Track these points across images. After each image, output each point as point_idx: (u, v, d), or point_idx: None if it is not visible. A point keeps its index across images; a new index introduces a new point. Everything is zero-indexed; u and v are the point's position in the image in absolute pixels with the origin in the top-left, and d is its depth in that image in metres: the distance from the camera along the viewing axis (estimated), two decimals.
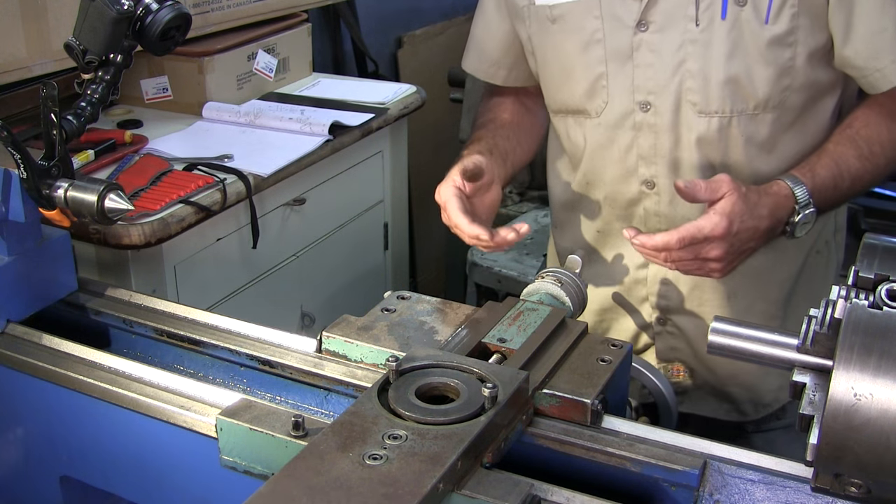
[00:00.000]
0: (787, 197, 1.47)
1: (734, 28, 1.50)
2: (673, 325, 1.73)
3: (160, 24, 1.36)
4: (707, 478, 1.08)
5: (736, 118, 1.56)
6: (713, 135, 1.57)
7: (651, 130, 1.60)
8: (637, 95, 1.59)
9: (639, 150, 1.62)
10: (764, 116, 1.56)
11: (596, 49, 1.60)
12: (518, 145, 1.75)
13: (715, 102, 1.55)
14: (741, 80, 1.53)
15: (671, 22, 1.54)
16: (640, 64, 1.57)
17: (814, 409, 0.86)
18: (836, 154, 1.53)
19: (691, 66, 1.54)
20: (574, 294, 1.41)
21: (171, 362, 1.41)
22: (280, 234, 2.48)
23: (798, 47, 1.51)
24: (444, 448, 0.99)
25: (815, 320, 0.89)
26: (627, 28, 1.56)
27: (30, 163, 1.29)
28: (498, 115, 1.79)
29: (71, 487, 1.37)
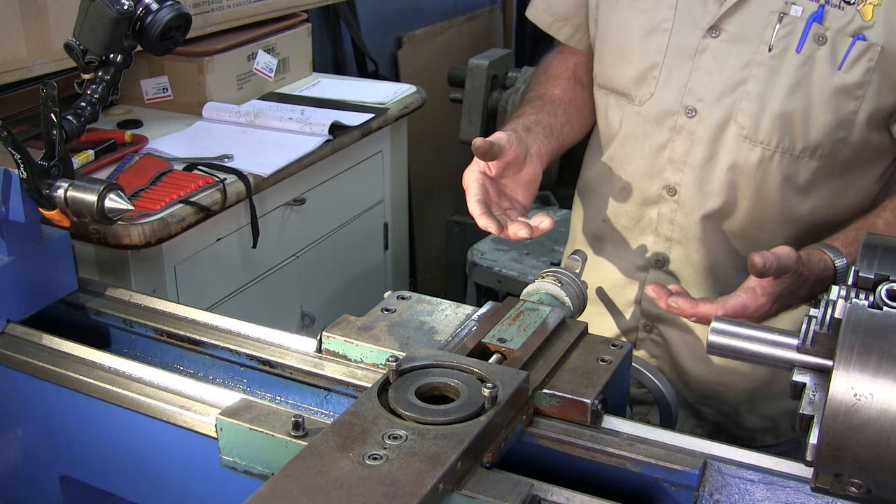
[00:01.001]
0: (829, 276, 1.41)
1: (805, 64, 1.46)
2: (658, 333, 1.72)
3: (160, 24, 1.36)
4: (707, 478, 1.08)
5: (779, 155, 1.51)
6: (751, 164, 1.53)
7: (689, 138, 1.56)
8: (686, 98, 1.55)
9: (671, 152, 1.58)
10: (809, 162, 1.52)
11: (659, 38, 1.56)
12: (567, 122, 1.68)
13: (763, 133, 1.51)
14: (796, 119, 1.48)
15: (745, 37, 1.49)
16: (700, 68, 1.53)
17: (814, 409, 0.86)
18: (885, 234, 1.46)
19: (751, 88, 1.50)
20: (574, 294, 1.41)
21: (171, 362, 1.41)
22: (280, 234, 2.48)
23: (864, 103, 1.47)
24: (444, 448, 0.99)
25: (815, 320, 0.89)
26: (698, 28, 1.52)
27: (30, 163, 1.29)
28: (548, 91, 1.72)
29: (71, 487, 1.37)
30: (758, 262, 1.29)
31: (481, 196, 1.40)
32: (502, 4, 4.40)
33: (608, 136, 1.69)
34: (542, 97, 1.70)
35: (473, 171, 1.43)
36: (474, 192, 1.41)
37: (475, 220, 1.39)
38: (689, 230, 1.61)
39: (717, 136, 1.54)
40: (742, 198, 1.56)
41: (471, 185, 1.42)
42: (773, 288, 1.34)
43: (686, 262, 1.64)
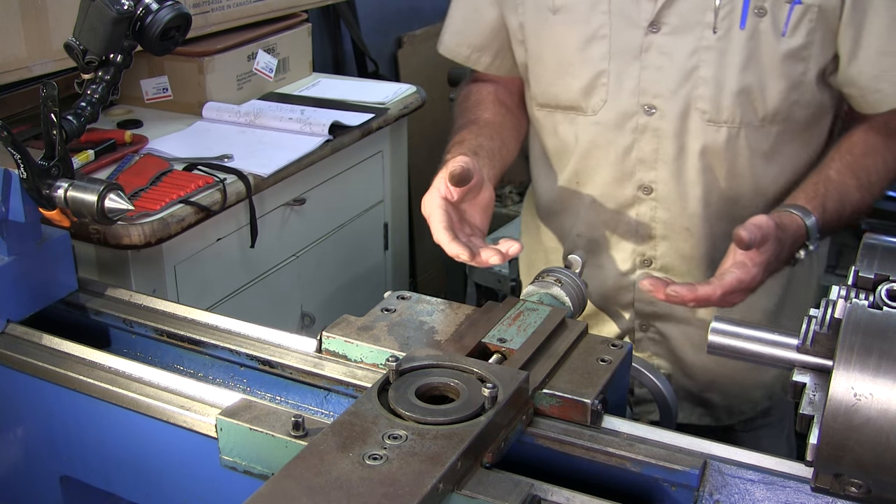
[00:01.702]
0: (802, 234, 1.46)
1: (752, 38, 1.49)
2: (656, 331, 1.72)
3: (160, 24, 1.36)
4: (707, 478, 1.08)
5: (744, 129, 1.55)
6: (720, 145, 1.55)
7: (654, 135, 1.58)
8: (642, 98, 1.56)
9: (639, 153, 1.59)
10: (770, 129, 1.56)
11: (599, 45, 1.56)
12: (503, 145, 1.68)
13: (725, 112, 1.53)
14: (753, 92, 1.52)
15: (686, 26, 1.51)
16: (649, 66, 1.54)
17: (814, 409, 0.86)
18: (841, 185, 1.52)
19: (704, 73, 1.52)
20: (574, 294, 1.41)
21: (171, 362, 1.41)
22: (280, 234, 2.48)
23: (811, 62, 1.51)
24: (444, 448, 0.99)
25: (815, 320, 0.89)
26: (638, 28, 1.53)
27: (30, 163, 1.29)
28: (479, 116, 1.72)
29: (71, 487, 1.37)
30: (744, 237, 1.33)
31: (447, 223, 1.38)
32: None
33: (564, 154, 1.68)
34: (475, 122, 1.70)
35: (435, 198, 1.41)
36: (439, 220, 1.38)
37: (444, 247, 1.37)
38: (673, 223, 1.62)
39: (681, 127, 1.56)
40: (719, 178, 1.58)
41: (433, 211, 1.40)
42: (760, 257, 1.37)
43: (676, 255, 1.65)
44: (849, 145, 1.57)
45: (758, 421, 1.81)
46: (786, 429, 1.87)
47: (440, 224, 1.38)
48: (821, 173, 1.54)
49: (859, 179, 1.54)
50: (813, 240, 1.46)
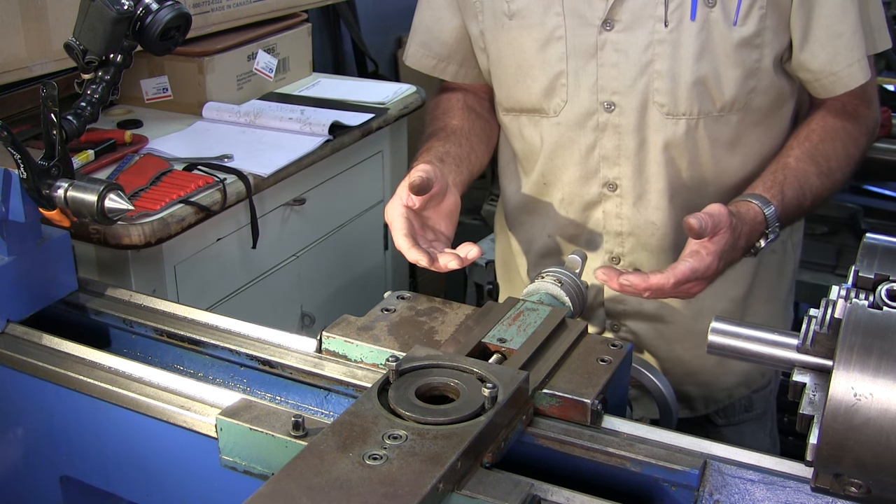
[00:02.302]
0: (760, 222, 1.45)
1: (703, 29, 1.49)
2: (627, 329, 1.73)
3: (160, 24, 1.36)
4: (707, 478, 1.08)
5: (703, 120, 1.55)
6: (680, 137, 1.56)
7: (615, 131, 1.58)
8: (601, 95, 1.57)
9: (601, 150, 1.60)
10: (729, 118, 1.56)
11: (556, 46, 1.57)
12: (472, 151, 1.69)
13: (683, 104, 1.54)
14: (709, 82, 1.52)
15: (638, 22, 1.51)
16: (605, 63, 1.55)
17: (814, 409, 0.86)
18: (800, 172, 1.52)
19: (659, 66, 1.52)
20: (574, 294, 1.41)
21: (171, 362, 1.41)
22: (280, 234, 2.48)
23: (765, 49, 1.51)
24: (444, 448, 0.99)
25: (815, 320, 0.89)
26: (592, 26, 1.54)
27: (30, 163, 1.29)
28: (448, 123, 1.72)
29: (71, 487, 1.37)
30: (694, 225, 1.32)
31: (407, 230, 1.41)
32: None
33: (531, 156, 1.70)
34: (443, 129, 1.71)
35: (397, 206, 1.44)
36: (400, 227, 1.41)
37: (403, 254, 1.39)
38: (638, 218, 1.63)
39: (641, 122, 1.56)
40: (681, 171, 1.59)
41: (395, 219, 1.43)
42: (715, 246, 1.36)
43: (643, 250, 1.66)
44: (807, 132, 1.57)
45: (740, 416, 1.82)
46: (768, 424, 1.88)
47: (400, 231, 1.40)
48: (779, 161, 1.54)
49: (819, 166, 1.53)
50: (772, 228, 1.46)
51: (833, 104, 1.59)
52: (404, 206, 1.44)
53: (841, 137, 1.57)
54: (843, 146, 1.57)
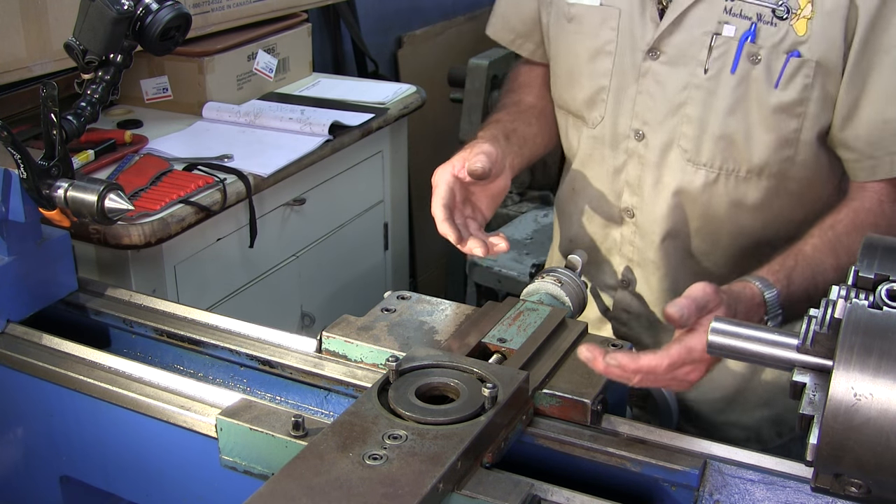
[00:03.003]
0: (758, 305, 1.30)
1: (741, 84, 1.42)
2: None
3: (160, 24, 1.36)
4: (707, 478, 1.08)
5: (724, 176, 1.49)
6: (696, 187, 1.51)
7: (640, 161, 1.55)
8: (634, 122, 1.53)
9: (627, 176, 1.57)
10: (759, 182, 1.49)
11: (604, 60, 1.54)
12: (539, 133, 1.66)
13: (705, 155, 1.48)
14: (737, 141, 1.46)
15: (682, 59, 1.46)
16: (644, 91, 1.51)
17: (814, 409, 0.86)
18: (815, 262, 1.38)
19: (690, 111, 1.47)
20: (574, 294, 1.41)
21: (171, 362, 1.41)
22: (280, 234, 2.48)
23: (806, 121, 1.43)
24: (444, 448, 0.99)
25: (815, 320, 0.89)
26: (639, 50, 1.50)
27: (30, 163, 1.29)
28: (523, 98, 1.70)
29: (71, 487, 1.37)
30: (674, 314, 1.18)
31: (447, 200, 1.39)
32: None
33: (570, 156, 1.69)
34: (517, 104, 1.69)
35: (446, 173, 1.42)
36: (441, 195, 1.39)
37: (436, 222, 1.37)
38: (645, 252, 1.60)
39: (661, 160, 1.52)
40: (691, 219, 1.54)
41: (440, 185, 1.41)
42: None
43: (646, 284, 1.63)
44: (833, 221, 1.43)
45: None
46: None
47: (440, 200, 1.38)
48: (795, 248, 1.40)
49: (838, 258, 1.39)
50: (772, 315, 1.32)
51: (869, 197, 1.46)
52: (454, 175, 1.41)
53: (873, 224, 1.44)
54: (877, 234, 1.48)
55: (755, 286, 1.31)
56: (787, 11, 1.38)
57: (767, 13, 1.39)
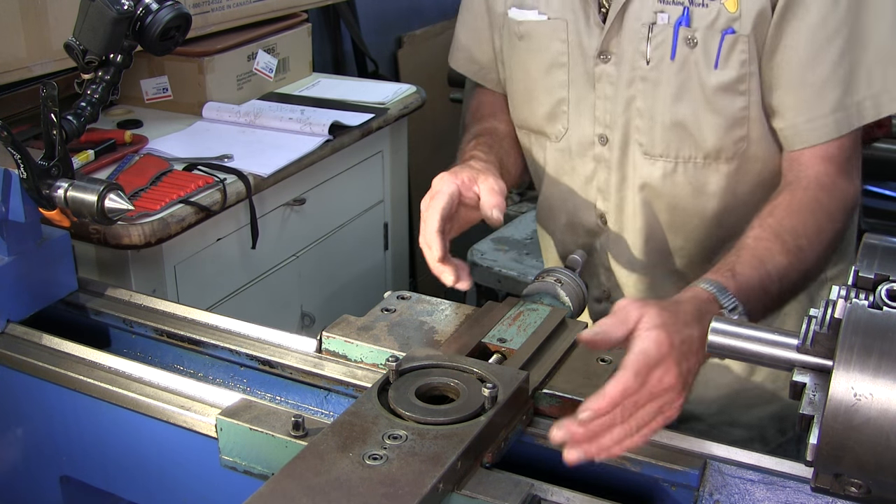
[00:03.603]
0: (710, 301, 1.20)
1: (683, 69, 1.42)
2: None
3: (160, 24, 1.36)
4: (707, 478, 1.08)
5: (682, 165, 1.48)
6: (657, 179, 1.50)
7: (606, 165, 1.55)
8: (597, 127, 1.53)
9: (598, 182, 1.57)
10: (719, 167, 1.47)
11: (559, 73, 1.54)
12: (515, 162, 1.66)
13: (659, 146, 1.48)
14: (688, 127, 1.45)
15: (626, 56, 1.46)
16: (601, 95, 1.51)
17: (814, 409, 0.86)
18: (759, 251, 1.30)
19: (640, 104, 1.47)
20: (574, 294, 1.41)
21: (171, 362, 1.41)
22: (280, 234, 2.48)
23: (752, 96, 1.41)
24: (444, 448, 0.99)
25: (815, 320, 0.89)
26: (590, 57, 1.50)
27: (30, 163, 1.29)
28: (496, 126, 1.67)
29: (71, 487, 1.37)
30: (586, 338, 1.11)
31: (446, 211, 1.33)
32: None
33: (539, 175, 1.67)
34: (491, 133, 1.64)
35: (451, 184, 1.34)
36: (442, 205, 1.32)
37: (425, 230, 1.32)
38: (619, 257, 1.59)
39: (623, 159, 1.52)
40: (658, 213, 1.53)
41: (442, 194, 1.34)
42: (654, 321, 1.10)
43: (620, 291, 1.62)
44: (770, 208, 1.38)
45: None
46: None
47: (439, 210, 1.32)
48: (737, 244, 1.33)
49: (784, 243, 1.32)
50: (727, 301, 1.21)
51: (805, 175, 1.41)
52: (458, 188, 1.35)
53: (812, 210, 1.37)
54: (815, 220, 1.37)
55: (697, 286, 1.23)
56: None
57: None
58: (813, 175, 1.41)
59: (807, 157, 1.42)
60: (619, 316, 1.11)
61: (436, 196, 1.34)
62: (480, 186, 1.36)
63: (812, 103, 1.39)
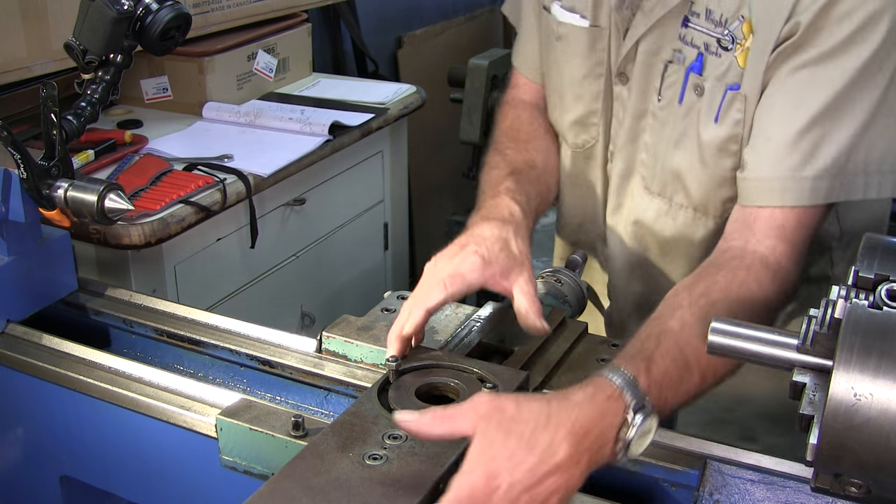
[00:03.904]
0: (612, 399, 1.00)
1: (687, 116, 1.34)
2: None
3: (160, 24, 1.36)
4: (707, 478, 1.08)
5: (675, 209, 1.42)
6: (650, 216, 1.44)
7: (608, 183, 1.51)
8: (611, 145, 1.48)
9: (605, 198, 1.52)
10: (706, 221, 1.40)
11: (593, 84, 1.45)
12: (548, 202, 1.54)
13: (657, 185, 1.42)
14: (683, 175, 1.38)
15: (641, 84, 1.39)
16: (616, 114, 1.45)
17: (814, 409, 0.86)
18: (683, 340, 1.11)
19: (647, 139, 1.41)
20: (574, 294, 1.41)
21: (171, 362, 1.41)
22: (280, 234, 2.48)
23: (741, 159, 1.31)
24: (444, 448, 0.99)
25: (815, 320, 0.89)
26: (612, 74, 1.43)
27: (30, 163, 1.29)
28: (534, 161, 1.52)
29: (71, 487, 1.37)
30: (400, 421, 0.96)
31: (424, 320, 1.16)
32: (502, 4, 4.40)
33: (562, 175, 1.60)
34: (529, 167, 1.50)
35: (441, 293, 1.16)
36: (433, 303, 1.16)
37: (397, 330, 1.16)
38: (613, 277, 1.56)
39: (623, 185, 1.48)
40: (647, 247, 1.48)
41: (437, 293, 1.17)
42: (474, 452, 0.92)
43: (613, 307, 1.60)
44: (707, 285, 1.19)
45: None
46: None
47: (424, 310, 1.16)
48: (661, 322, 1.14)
49: None
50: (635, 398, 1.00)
51: (752, 249, 1.25)
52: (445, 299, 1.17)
53: (752, 299, 1.20)
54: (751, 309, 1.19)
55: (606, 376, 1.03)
56: (731, 42, 1.28)
57: (713, 43, 1.30)
58: (760, 253, 1.25)
59: (760, 225, 1.27)
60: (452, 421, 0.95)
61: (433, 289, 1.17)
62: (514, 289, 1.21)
63: (769, 161, 1.26)
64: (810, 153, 1.24)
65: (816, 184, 1.24)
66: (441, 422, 0.95)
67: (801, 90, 1.24)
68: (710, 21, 1.30)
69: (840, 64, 1.21)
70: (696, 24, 1.31)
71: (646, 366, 1.05)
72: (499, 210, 1.32)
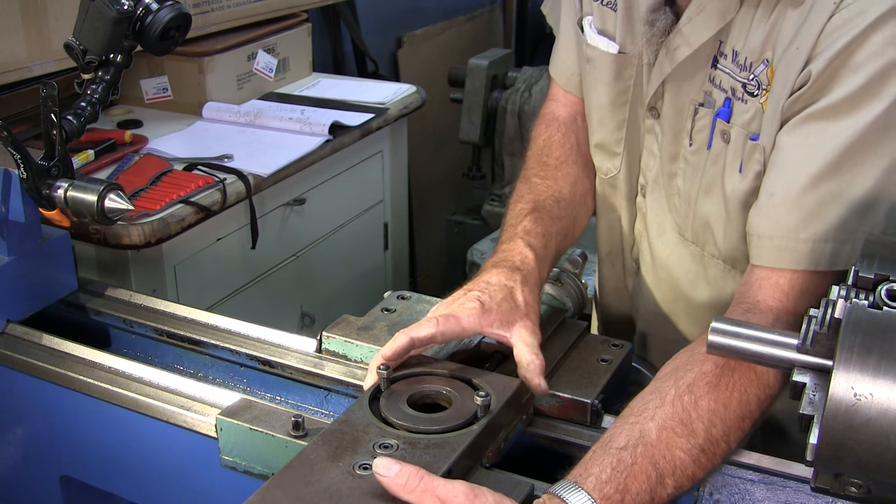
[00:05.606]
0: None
1: (716, 163, 1.25)
2: None
3: (160, 24, 1.36)
4: (707, 478, 1.07)
5: (708, 259, 1.33)
6: (686, 261, 1.36)
7: (644, 218, 1.43)
8: (641, 178, 1.40)
9: (638, 227, 1.46)
10: (735, 275, 1.30)
11: (618, 112, 1.39)
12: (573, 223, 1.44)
13: (689, 231, 1.34)
14: (711, 224, 1.30)
15: (673, 124, 1.31)
16: (647, 148, 1.37)
17: (814, 409, 0.86)
18: (661, 451, 1.02)
19: (680, 184, 1.33)
20: (574, 294, 1.40)
21: (171, 362, 1.41)
22: (280, 234, 2.48)
23: None
24: (435, 457, 0.98)
25: (815, 320, 0.89)
26: (643, 106, 1.36)
27: (30, 163, 1.29)
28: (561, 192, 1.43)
29: (71, 487, 1.37)
30: None
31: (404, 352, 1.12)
32: (502, 4, 4.40)
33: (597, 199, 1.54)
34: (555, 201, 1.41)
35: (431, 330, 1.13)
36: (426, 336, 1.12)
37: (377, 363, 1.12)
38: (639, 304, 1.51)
39: (660, 224, 1.39)
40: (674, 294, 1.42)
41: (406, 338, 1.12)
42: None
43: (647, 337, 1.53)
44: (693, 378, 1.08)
45: None
46: None
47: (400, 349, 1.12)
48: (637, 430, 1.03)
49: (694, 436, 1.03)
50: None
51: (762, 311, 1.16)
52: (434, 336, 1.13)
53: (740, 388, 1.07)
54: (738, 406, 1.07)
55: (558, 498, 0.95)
56: (757, 87, 1.19)
57: (739, 88, 1.21)
58: None
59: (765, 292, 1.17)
60: None
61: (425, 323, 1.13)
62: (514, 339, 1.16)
63: (767, 218, 1.17)
64: (813, 213, 1.13)
65: (818, 247, 1.13)
66: None
67: (808, 144, 1.13)
68: (735, 64, 1.21)
69: (851, 117, 1.10)
70: (724, 66, 1.23)
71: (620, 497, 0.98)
72: (510, 257, 1.27)
